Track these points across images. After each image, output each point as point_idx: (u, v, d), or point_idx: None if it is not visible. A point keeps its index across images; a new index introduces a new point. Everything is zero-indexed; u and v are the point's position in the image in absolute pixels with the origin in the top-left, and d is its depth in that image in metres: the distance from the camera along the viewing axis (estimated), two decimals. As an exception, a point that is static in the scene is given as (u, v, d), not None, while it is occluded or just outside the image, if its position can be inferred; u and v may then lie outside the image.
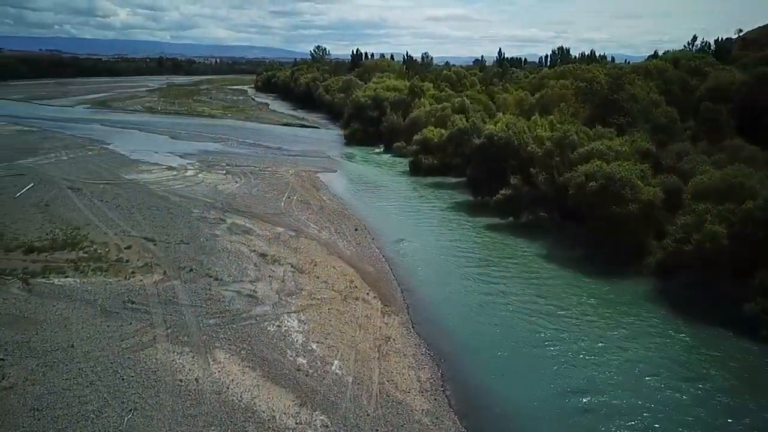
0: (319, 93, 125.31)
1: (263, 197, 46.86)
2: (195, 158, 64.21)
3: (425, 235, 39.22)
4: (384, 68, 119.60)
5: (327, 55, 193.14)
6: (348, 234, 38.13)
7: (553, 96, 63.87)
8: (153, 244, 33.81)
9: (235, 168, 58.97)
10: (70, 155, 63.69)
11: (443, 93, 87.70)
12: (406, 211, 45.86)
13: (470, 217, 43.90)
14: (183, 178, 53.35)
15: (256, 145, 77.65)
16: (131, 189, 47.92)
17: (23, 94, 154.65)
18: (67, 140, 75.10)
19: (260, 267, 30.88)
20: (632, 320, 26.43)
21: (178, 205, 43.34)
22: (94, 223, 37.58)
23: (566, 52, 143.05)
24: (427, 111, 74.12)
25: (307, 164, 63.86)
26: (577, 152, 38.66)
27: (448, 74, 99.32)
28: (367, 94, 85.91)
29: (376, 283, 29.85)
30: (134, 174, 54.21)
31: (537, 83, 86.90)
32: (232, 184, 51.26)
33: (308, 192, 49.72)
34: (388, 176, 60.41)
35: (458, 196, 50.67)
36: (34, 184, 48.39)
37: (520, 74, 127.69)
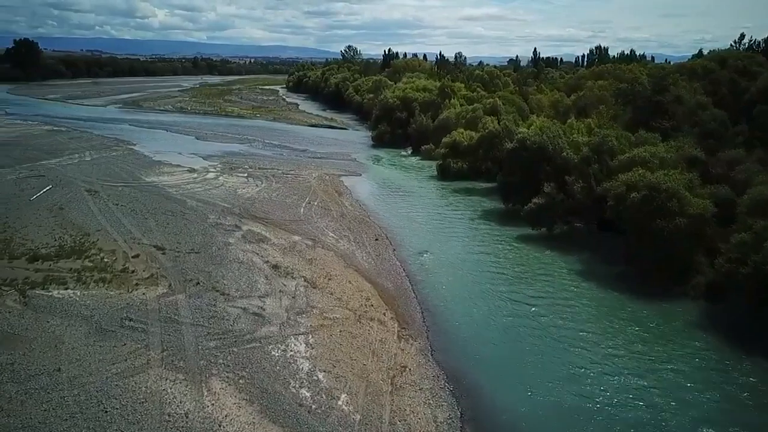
0: (348, 93, 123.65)
1: (283, 202, 45.00)
2: (218, 160, 62.91)
3: (451, 246, 36.70)
4: (414, 68, 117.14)
5: (358, 55, 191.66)
6: (368, 244, 35.88)
7: (591, 97, 60.49)
8: (162, 253, 32.15)
9: (257, 171, 57.39)
10: (94, 156, 63.09)
11: (475, 94, 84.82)
12: (432, 219, 43.39)
13: (500, 226, 41.17)
14: (203, 181, 51.95)
15: (281, 146, 76.14)
16: (149, 192, 46.65)
17: (59, 93, 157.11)
18: (94, 140, 74.83)
19: (271, 280, 28.87)
20: (684, 353, 23.44)
21: (195, 210, 41.79)
22: (105, 228, 36.20)
23: (604, 51, 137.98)
24: (457, 112, 71.43)
25: (332, 167, 61.91)
26: (618, 159, 35.59)
27: (480, 74, 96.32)
28: (395, 94, 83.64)
29: (394, 302, 27.51)
30: (154, 176, 53.06)
31: (573, 84, 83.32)
32: (252, 188, 49.59)
33: (330, 197, 47.68)
34: (414, 181, 58.00)
35: (488, 203, 47.96)
36: (52, 186, 47.55)
37: (556, 74, 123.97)
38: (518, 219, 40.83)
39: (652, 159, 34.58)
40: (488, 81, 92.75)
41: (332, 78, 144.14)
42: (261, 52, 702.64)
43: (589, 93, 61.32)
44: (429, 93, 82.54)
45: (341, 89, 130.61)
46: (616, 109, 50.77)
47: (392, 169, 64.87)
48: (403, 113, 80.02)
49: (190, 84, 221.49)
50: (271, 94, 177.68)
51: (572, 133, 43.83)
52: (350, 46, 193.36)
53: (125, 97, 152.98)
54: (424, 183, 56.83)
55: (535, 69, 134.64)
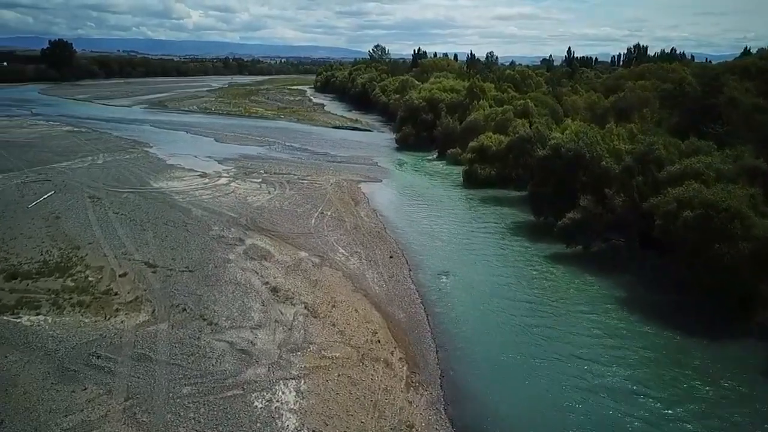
0: (375, 94, 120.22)
1: (294, 212, 41.75)
2: (233, 164, 60.16)
3: (475, 266, 32.83)
4: (443, 68, 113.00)
5: (386, 54, 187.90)
6: (381, 263, 32.27)
7: (632, 99, 55.65)
8: (153, 271, 29.15)
9: (272, 176, 54.34)
10: (107, 159, 61.05)
11: (505, 95, 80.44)
12: (455, 233, 39.54)
13: (531, 242, 37.11)
14: (213, 187, 49.10)
15: (301, 149, 73.12)
16: (154, 199, 43.98)
17: (88, 94, 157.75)
18: (111, 142, 73.08)
19: (268, 307, 25.54)
20: (762, 411, 19.24)
21: (199, 220, 38.85)
22: (98, 241, 33.45)
23: (643, 50, 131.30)
24: (486, 114, 67.28)
25: (351, 172, 58.52)
26: (667, 171, 31.17)
27: (511, 74, 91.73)
28: (421, 95, 79.83)
29: (404, 337, 23.84)
30: (163, 181, 50.47)
31: (611, 84, 78.21)
32: (263, 196, 46.51)
33: (345, 206, 44.26)
34: (438, 188, 54.16)
35: (518, 214, 43.86)
36: (54, 191, 45.30)
37: (591, 74, 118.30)
38: (551, 234, 36.71)
39: (708, 171, 30.13)
40: (520, 81, 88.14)
41: (359, 78, 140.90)
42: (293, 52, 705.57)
43: (630, 94, 56.49)
44: (457, 94, 78.50)
45: (368, 89, 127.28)
46: (660, 113, 46.10)
47: (415, 174, 61.13)
48: (429, 115, 76.20)
49: (220, 84, 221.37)
50: (298, 95, 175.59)
51: (612, 139, 39.46)
52: (378, 45, 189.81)
53: (153, 97, 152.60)
54: (449, 191, 52.95)
55: (569, 69, 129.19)
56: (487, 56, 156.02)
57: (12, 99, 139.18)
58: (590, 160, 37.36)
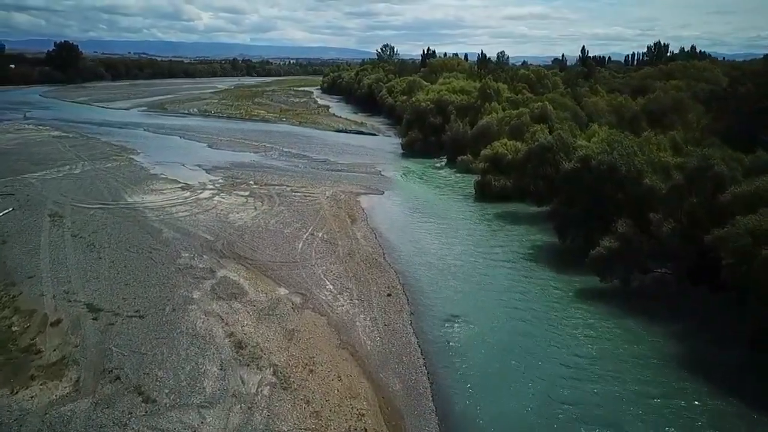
0: (381, 95, 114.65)
1: (280, 233, 36.21)
2: (222, 173, 54.80)
3: (491, 307, 27.05)
4: (452, 68, 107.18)
5: (395, 54, 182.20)
6: (376, 303, 26.59)
7: (665, 101, 49.73)
8: (94, 317, 23.73)
9: (261, 188, 48.88)
10: (86, 168, 55.93)
11: (520, 96, 74.57)
12: (466, 259, 33.75)
13: (556, 272, 31.26)
14: (194, 201, 43.70)
15: (299, 156, 67.64)
16: (123, 217, 38.67)
17: (88, 96, 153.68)
18: (97, 149, 68.04)
19: (227, 372, 19.99)
20: None
21: (168, 244, 33.45)
22: (40, 275, 28.11)
23: (664, 48, 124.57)
24: (500, 118, 61.49)
25: (351, 182, 52.94)
26: (731, 192, 25.20)
27: (525, 74, 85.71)
28: (429, 97, 74.10)
29: (400, 421, 18.15)
30: (140, 195, 45.16)
31: (636, 85, 72.25)
32: (248, 212, 41.03)
33: (340, 225, 38.66)
34: (447, 201, 48.38)
35: (538, 235, 38.04)
36: (13, 208, 40.15)
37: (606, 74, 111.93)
38: (579, 261, 30.85)
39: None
40: (535, 82, 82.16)
41: (365, 79, 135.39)
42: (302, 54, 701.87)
43: (663, 96, 50.52)
44: (467, 95, 72.66)
45: (374, 91, 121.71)
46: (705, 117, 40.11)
47: (422, 184, 55.39)
48: (437, 118, 70.43)
49: (226, 85, 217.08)
50: (304, 96, 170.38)
51: (651, 150, 33.62)
52: (387, 45, 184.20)
53: (154, 99, 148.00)
54: (459, 204, 47.16)
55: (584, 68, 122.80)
56: (498, 56, 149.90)
57: (11, 102, 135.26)
58: (627, 175, 31.50)
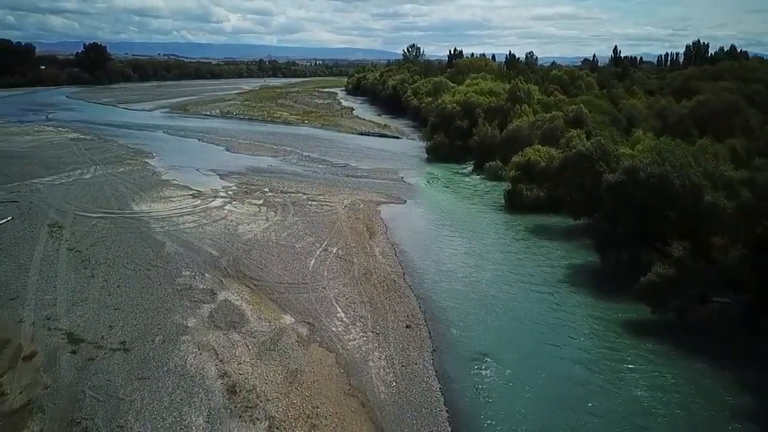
0: (406, 96, 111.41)
1: (291, 249, 33.20)
2: (236, 179, 52.17)
3: (525, 342, 23.55)
4: (480, 68, 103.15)
5: (421, 55, 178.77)
6: (393, 337, 23.31)
7: (715, 104, 45.45)
8: (73, 350, 21.00)
9: (276, 196, 46.04)
10: (97, 173, 53.89)
11: (552, 98, 70.59)
12: (495, 281, 30.26)
13: (599, 300, 27.59)
14: (203, 211, 41.03)
15: (319, 160, 64.76)
16: (126, 228, 36.16)
17: (113, 97, 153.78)
18: (112, 152, 66.23)
19: (214, 425, 16.97)
20: None
21: (169, 260, 30.71)
22: (23, 297, 25.55)
23: (704, 47, 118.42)
24: (531, 122, 57.72)
25: (371, 189, 49.80)
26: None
27: (558, 74, 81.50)
28: (455, 99, 70.54)
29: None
30: (147, 203, 42.71)
31: (678, 86, 67.67)
32: (259, 224, 38.17)
33: (357, 239, 35.50)
34: (474, 212, 44.83)
35: (576, 253, 34.33)
36: (12, 217, 38.00)
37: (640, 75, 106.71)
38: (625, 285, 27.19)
39: None
40: (568, 83, 77.93)
41: (390, 80, 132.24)
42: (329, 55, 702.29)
43: (713, 98, 46.20)
44: (496, 97, 68.91)
45: (399, 92, 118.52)
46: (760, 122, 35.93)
47: (447, 192, 51.90)
48: (464, 121, 66.84)
49: (250, 86, 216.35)
50: (328, 97, 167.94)
51: (708, 161, 29.71)
52: (413, 45, 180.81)
53: (177, 101, 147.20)
54: (488, 216, 43.60)
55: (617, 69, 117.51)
56: (526, 56, 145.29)
57: (37, 103, 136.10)
58: (681, 189, 27.67)
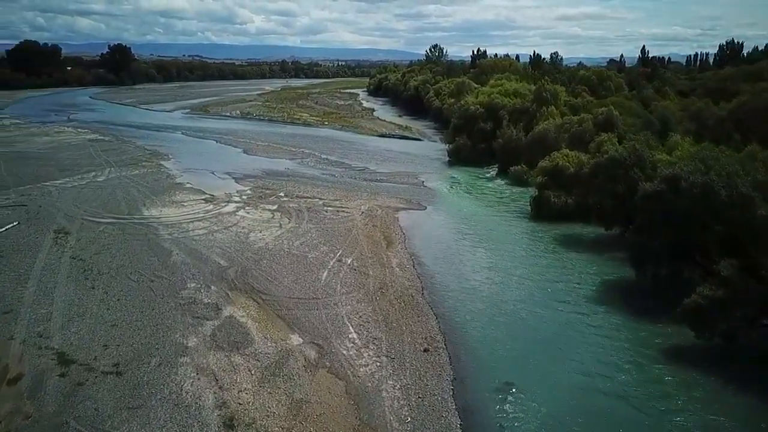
0: (428, 97, 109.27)
1: (303, 259, 31.38)
2: (252, 183, 50.65)
3: (555, 371, 21.31)
4: (504, 69, 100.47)
5: (444, 55, 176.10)
6: (410, 362, 21.29)
7: (758, 105, 42.50)
8: (62, 372, 19.40)
9: (291, 201, 44.35)
10: (111, 175, 52.87)
11: (579, 100, 67.86)
12: (521, 297, 28.04)
13: (636, 321, 25.18)
14: (214, 217, 39.48)
15: (337, 163, 63.01)
16: (134, 235, 34.75)
17: (135, 98, 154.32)
18: (128, 153, 65.38)
19: (206, 467, 15.16)
20: None
21: (174, 270, 29.12)
22: (17, 311, 24.10)
23: (739, 47, 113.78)
24: (558, 124, 55.18)
25: (390, 195, 47.83)
26: None
27: (585, 75, 78.55)
28: (478, 100, 68.19)
29: None
30: (158, 208, 41.34)
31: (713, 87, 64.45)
32: (272, 231, 36.46)
33: (373, 249, 33.53)
34: (498, 219, 42.55)
35: (608, 266, 31.93)
36: (18, 222, 36.86)
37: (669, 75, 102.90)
38: (661, 303, 24.91)
39: None
40: (596, 83, 74.95)
41: (412, 81, 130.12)
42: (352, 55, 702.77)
43: (754, 99, 43.26)
44: (521, 98, 66.42)
45: (420, 93, 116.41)
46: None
47: (469, 198, 49.63)
48: (488, 123, 64.45)
49: (272, 87, 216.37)
50: (349, 98, 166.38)
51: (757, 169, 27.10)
52: (436, 45, 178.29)
53: (199, 101, 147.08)
54: (513, 224, 41.29)
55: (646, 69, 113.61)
56: (551, 56, 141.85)
57: (61, 103, 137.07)
58: (728, 201, 25.16)
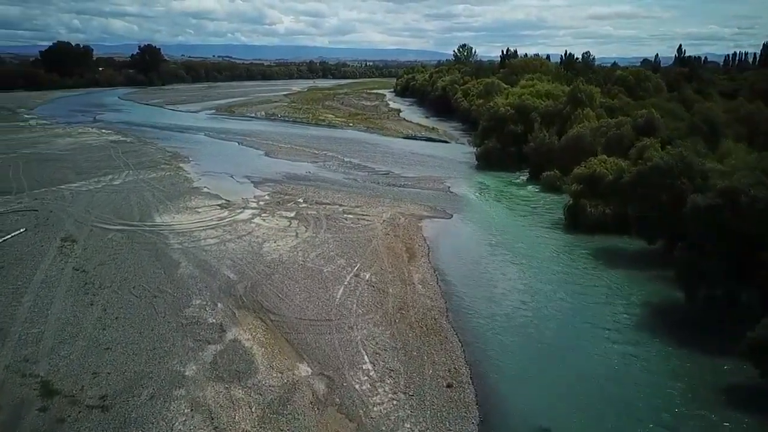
0: (456, 98, 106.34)
1: (318, 273, 29.12)
2: (271, 188, 48.72)
3: (597, 413, 18.58)
4: (535, 69, 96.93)
5: (473, 55, 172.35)
6: (430, 399, 18.81)
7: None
8: (42, 406, 17.50)
9: (310, 207, 42.22)
10: (128, 178, 51.53)
11: (616, 101, 64.29)
12: (558, 325, 25.26)
13: (688, 352, 22.21)
14: (229, 225, 37.54)
15: (360, 167, 60.73)
16: (142, 243, 32.99)
17: (163, 99, 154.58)
18: (148, 155, 64.24)
19: None
20: None
21: (180, 284, 27.17)
22: (6, 330, 22.36)
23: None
24: (594, 128, 51.93)
25: (414, 201, 45.35)
26: None
27: (622, 75, 74.72)
28: (509, 101, 65.13)
29: None
30: (171, 214, 39.62)
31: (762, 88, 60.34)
32: (287, 241, 34.33)
33: (394, 263, 31.10)
34: (531, 230, 39.65)
35: (653, 286, 28.88)
36: (26, 228, 35.45)
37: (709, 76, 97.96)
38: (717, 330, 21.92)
39: None
40: (634, 84, 71.12)
41: (440, 81, 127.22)
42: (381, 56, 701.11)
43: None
44: (554, 100, 63.20)
45: (448, 93, 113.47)
46: None
47: (499, 206, 46.77)
48: (518, 126, 61.41)
49: (299, 88, 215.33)
50: (376, 99, 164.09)
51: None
52: (464, 45, 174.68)
53: (225, 102, 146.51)
54: (546, 235, 38.37)
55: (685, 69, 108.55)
56: (583, 56, 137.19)
57: (89, 104, 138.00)
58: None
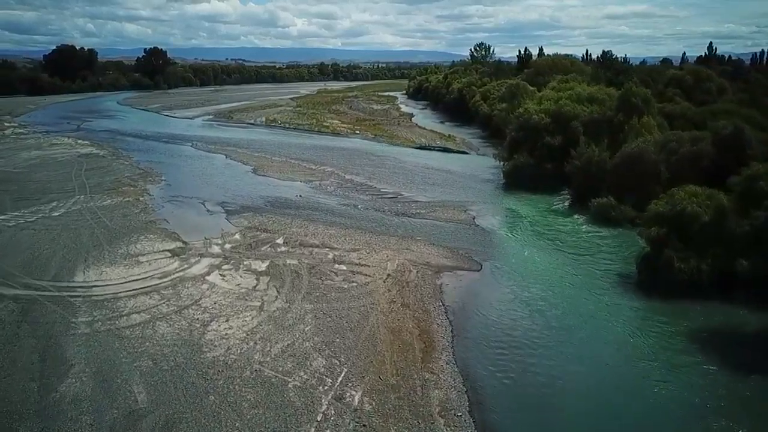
0: (474, 101, 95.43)
1: (279, 391, 18.35)
2: (247, 220, 38.23)
3: None
4: (566, 69, 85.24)
5: (490, 55, 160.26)
6: None
7: None
8: None
9: (291, 253, 31.55)
10: (75, 207, 41.38)
11: (674, 106, 52.98)
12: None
13: None
14: (172, 286, 26.93)
15: (363, 187, 50.01)
16: (34, 325, 22.55)
17: (163, 103, 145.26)
18: (115, 173, 54.16)
19: None
20: None
21: (48, 420, 16.62)
22: None
23: None
24: (660, 141, 40.77)
25: (429, 240, 34.55)
26: None
27: (677, 74, 63.03)
28: (543, 107, 53.91)
29: None
30: (102, 266, 29.16)
31: None
32: (246, 318, 23.65)
33: (402, 363, 20.26)
34: (592, 293, 28.33)
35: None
36: None
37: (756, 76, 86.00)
38: None
39: None
40: (692, 86, 59.52)
41: (455, 83, 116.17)
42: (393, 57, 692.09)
43: None
44: (599, 105, 51.94)
45: (465, 96, 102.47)
46: None
47: (542, 248, 35.41)
48: (556, 137, 50.32)
49: (308, 90, 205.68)
50: (387, 102, 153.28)
51: None
52: (482, 44, 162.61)
53: (226, 107, 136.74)
54: (616, 301, 27.17)
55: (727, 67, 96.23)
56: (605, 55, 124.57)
57: (82, 110, 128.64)
58: None
